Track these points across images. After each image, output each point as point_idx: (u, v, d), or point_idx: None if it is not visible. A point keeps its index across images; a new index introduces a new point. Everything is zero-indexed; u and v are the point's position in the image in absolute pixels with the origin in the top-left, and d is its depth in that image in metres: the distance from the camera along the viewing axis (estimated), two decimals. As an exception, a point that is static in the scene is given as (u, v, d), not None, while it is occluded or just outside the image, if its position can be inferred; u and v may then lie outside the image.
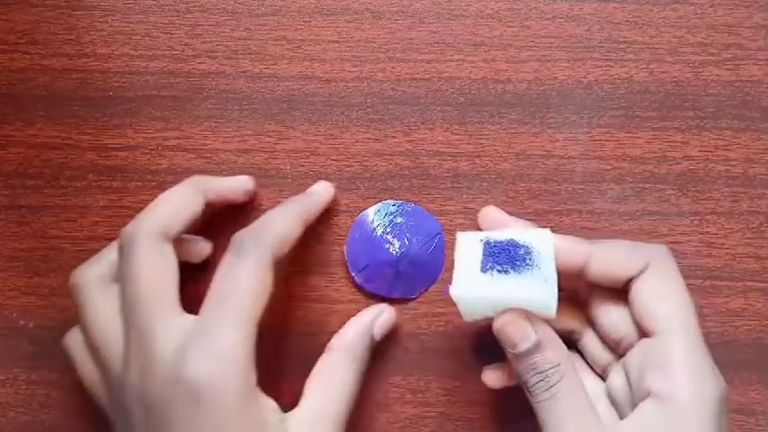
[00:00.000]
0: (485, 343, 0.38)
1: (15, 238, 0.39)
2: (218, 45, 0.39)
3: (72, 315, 0.35)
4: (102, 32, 0.39)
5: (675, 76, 0.39)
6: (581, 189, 0.39)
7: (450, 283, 0.32)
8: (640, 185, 0.39)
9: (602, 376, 0.35)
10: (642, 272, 0.32)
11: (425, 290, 0.38)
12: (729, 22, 0.40)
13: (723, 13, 0.40)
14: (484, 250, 0.32)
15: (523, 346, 0.31)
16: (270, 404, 0.31)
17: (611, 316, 0.33)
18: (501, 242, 0.32)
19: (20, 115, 0.39)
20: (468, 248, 0.32)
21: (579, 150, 0.39)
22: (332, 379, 0.33)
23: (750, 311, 0.38)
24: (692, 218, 0.39)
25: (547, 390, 0.31)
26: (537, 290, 0.31)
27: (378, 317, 0.36)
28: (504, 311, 0.32)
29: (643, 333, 0.32)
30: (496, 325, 0.32)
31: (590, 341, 0.35)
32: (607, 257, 0.33)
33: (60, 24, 0.40)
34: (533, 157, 0.39)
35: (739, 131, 0.39)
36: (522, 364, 0.31)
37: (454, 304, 0.36)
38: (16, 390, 0.38)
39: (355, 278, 0.38)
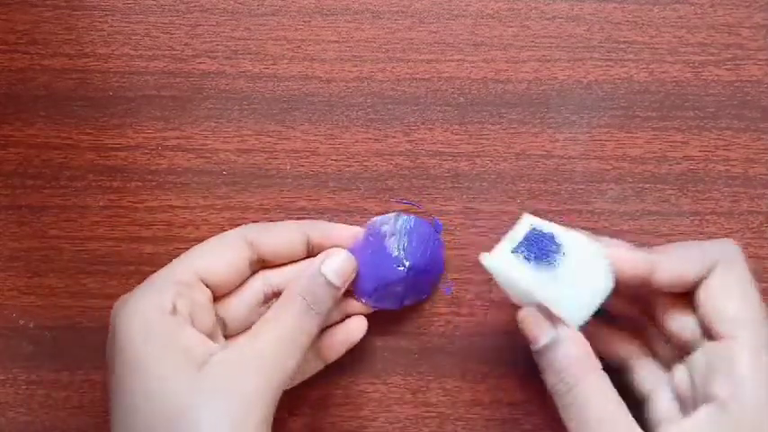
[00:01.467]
0: (485, 343, 0.38)
1: (15, 238, 0.39)
2: (218, 45, 0.39)
3: (72, 315, 0.35)
4: (102, 32, 0.39)
5: (675, 76, 0.39)
6: (581, 189, 0.39)
7: (449, 282, 0.32)
8: (640, 185, 0.39)
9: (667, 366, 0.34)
10: (710, 271, 0.31)
11: (433, 288, 0.38)
12: (729, 22, 0.40)
13: (723, 13, 0.40)
14: (526, 234, 0.32)
15: (540, 342, 0.31)
16: (198, 336, 0.31)
17: (677, 322, 0.32)
18: (541, 232, 0.32)
19: (20, 115, 0.39)
20: (520, 229, 0.33)
21: (579, 150, 0.39)
22: (275, 325, 0.32)
23: (750, 311, 0.38)
24: (691, 218, 0.39)
25: (567, 392, 0.30)
26: (553, 290, 0.31)
27: (328, 258, 0.34)
28: (529, 306, 0.31)
29: (710, 335, 0.31)
30: (519, 316, 0.32)
31: (654, 337, 0.34)
32: (674, 265, 0.31)
33: (60, 24, 0.40)
34: (533, 157, 0.39)
35: (739, 131, 0.39)
36: (541, 362, 0.31)
37: (454, 304, 0.37)
38: (16, 390, 0.38)
39: (365, 302, 0.36)
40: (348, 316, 0.36)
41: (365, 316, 0.36)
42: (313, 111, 0.39)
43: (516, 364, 0.38)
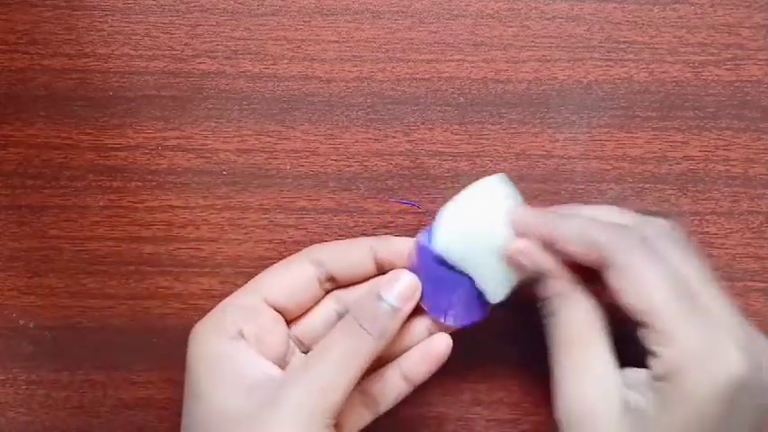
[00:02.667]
0: (485, 343, 0.38)
1: (15, 238, 0.39)
2: (218, 45, 0.39)
3: (72, 315, 0.35)
4: (102, 32, 0.39)
5: (675, 76, 0.39)
6: (581, 189, 0.39)
7: None
8: (640, 185, 0.39)
9: None
10: (610, 260, 0.30)
11: None
12: (729, 22, 0.40)
13: (723, 13, 0.40)
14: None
15: (530, 268, 0.32)
16: (259, 360, 0.32)
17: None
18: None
19: (20, 115, 0.39)
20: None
21: (579, 150, 0.39)
22: (327, 347, 0.32)
23: (750, 311, 0.38)
24: (692, 218, 0.39)
25: (549, 316, 0.32)
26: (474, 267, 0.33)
27: (391, 281, 0.33)
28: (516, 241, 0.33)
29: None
30: (507, 251, 0.33)
31: None
32: (573, 240, 0.31)
33: (60, 24, 0.40)
34: (533, 157, 0.39)
35: (739, 131, 0.39)
36: (536, 289, 0.32)
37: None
38: (16, 390, 0.38)
39: (443, 322, 0.34)
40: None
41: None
42: (313, 111, 0.39)
43: (517, 364, 0.38)
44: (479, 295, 0.34)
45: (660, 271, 0.30)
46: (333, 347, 0.32)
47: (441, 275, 0.34)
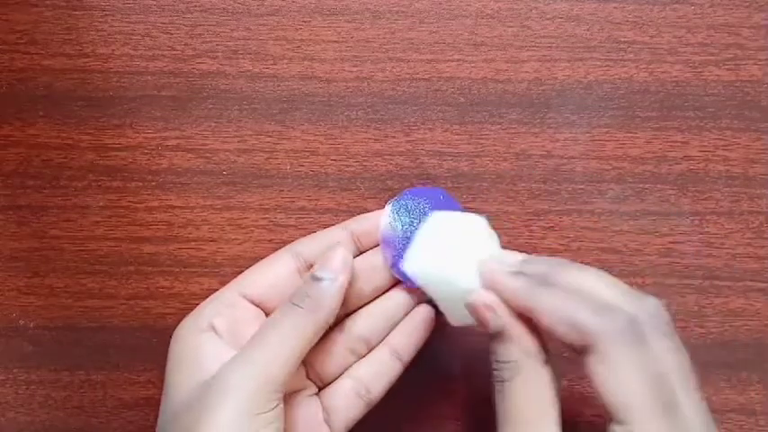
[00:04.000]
0: (485, 343, 0.38)
1: (15, 238, 0.39)
2: (218, 45, 0.39)
3: (72, 315, 0.35)
4: (102, 32, 0.39)
5: (675, 76, 0.39)
6: (581, 189, 0.39)
7: None
8: (640, 185, 0.39)
9: None
10: (593, 346, 0.28)
11: None
12: (729, 22, 0.40)
13: (723, 13, 0.40)
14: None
15: (491, 326, 0.30)
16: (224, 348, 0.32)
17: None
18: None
19: (20, 115, 0.39)
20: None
21: (579, 150, 0.39)
22: (265, 327, 0.32)
23: (750, 311, 0.38)
24: (692, 218, 0.39)
25: (500, 382, 0.30)
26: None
27: (326, 257, 0.33)
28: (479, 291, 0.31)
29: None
30: (472, 300, 0.31)
31: None
32: (554, 322, 0.29)
33: (60, 24, 0.40)
34: (533, 157, 0.39)
35: (739, 131, 0.39)
36: (491, 345, 0.31)
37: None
38: (16, 390, 0.38)
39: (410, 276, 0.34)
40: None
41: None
42: (313, 111, 0.39)
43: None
44: None
45: (644, 367, 0.27)
46: (270, 327, 0.32)
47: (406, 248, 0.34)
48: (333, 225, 0.38)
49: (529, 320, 0.30)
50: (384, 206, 0.37)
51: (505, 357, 0.30)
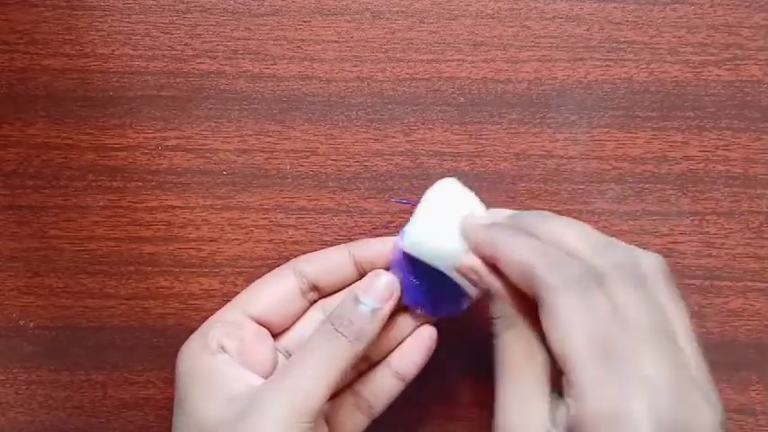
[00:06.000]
0: (485, 343, 0.38)
1: (15, 238, 0.39)
2: (218, 45, 0.39)
3: (72, 315, 0.35)
4: (102, 32, 0.39)
5: (675, 76, 0.39)
6: (581, 189, 0.39)
7: None
8: (640, 185, 0.39)
9: None
10: (540, 298, 0.28)
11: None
12: (729, 22, 0.40)
13: (723, 13, 0.40)
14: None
15: (479, 287, 0.31)
16: (240, 371, 0.32)
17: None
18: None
19: (20, 115, 0.39)
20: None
21: (579, 150, 0.39)
22: (304, 353, 0.32)
23: (750, 311, 0.38)
24: (692, 218, 0.39)
25: (494, 336, 0.31)
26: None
27: (369, 283, 0.33)
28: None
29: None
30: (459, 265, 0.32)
31: None
32: (506, 261, 0.29)
33: (60, 24, 0.40)
34: (533, 157, 0.39)
35: (739, 131, 0.39)
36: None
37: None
38: (16, 390, 0.38)
39: (421, 313, 0.35)
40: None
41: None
42: (313, 111, 0.39)
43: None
44: (456, 287, 0.34)
45: (590, 317, 0.27)
46: (309, 353, 0.32)
47: (416, 270, 0.34)
48: (332, 225, 0.39)
49: None
50: (383, 206, 0.37)
51: (499, 313, 0.31)
